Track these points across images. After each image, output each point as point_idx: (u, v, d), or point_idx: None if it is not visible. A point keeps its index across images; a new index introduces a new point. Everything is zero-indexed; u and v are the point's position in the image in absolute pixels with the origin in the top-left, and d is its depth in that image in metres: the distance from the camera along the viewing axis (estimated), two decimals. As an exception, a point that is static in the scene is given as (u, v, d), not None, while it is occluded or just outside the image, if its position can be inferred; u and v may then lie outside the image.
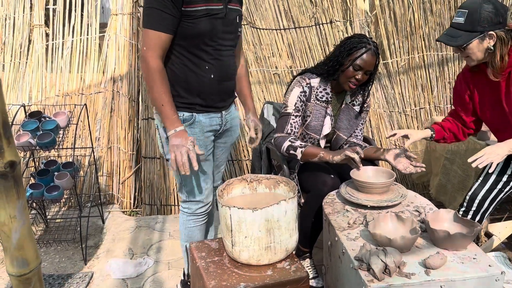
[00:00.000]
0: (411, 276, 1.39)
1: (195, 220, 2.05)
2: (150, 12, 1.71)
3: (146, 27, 1.73)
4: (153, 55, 1.73)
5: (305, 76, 2.17)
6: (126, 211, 3.24)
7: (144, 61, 1.75)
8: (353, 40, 2.08)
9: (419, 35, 3.40)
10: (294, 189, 1.72)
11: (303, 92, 2.14)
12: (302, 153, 2.06)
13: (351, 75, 2.07)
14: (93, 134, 3.26)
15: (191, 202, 2.01)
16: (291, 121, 2.15)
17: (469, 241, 1.54)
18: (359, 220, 1.73)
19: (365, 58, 2.04)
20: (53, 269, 2.50)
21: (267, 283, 1.52)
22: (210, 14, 1.76)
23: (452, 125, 2.22)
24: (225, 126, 2.02)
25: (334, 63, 2.10)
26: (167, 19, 1.71)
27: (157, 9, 1.69)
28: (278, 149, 2.14)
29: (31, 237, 1.00)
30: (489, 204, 2.08)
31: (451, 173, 2.82)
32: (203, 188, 1.98)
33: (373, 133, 3.42)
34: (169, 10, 1.69)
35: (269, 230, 1.57)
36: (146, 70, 1.76)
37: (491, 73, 1.96)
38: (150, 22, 1.72)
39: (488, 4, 1.86)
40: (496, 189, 2.06)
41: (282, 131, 2.16)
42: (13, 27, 3.32)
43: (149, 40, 1.73)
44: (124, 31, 3.25)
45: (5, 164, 0.90)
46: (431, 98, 3.49)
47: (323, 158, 2.03)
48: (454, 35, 1.93)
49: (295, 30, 3.35)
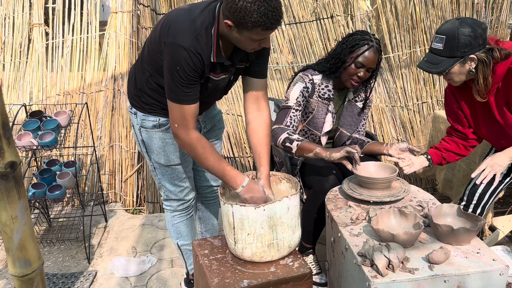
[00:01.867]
0: (414, 271, 1.39)
1: (179, 216, 2.08)
2: (177, 88, 1.62)
3: (176, 102, 1.64)
4: (189, 129, 1.67)
5: (307, 73, 2.16)
6: (129, 209, 3.24)
7: (179, 138, 1.68)
8: (355, 37, 2.06)
9: (420, 29, 3.38)
10: (296, 186, 1.72)
11: (305, 88, 2.13)
12: (298, 146, 1.99)
13: (353, 73, 2.05)
14: (95, 133, 3.26)
15: (171, 200, 2.03)
16: (291, 114, 2.11)
17: (472, 235, 1.53)
18: (362, 216, 1.72)
19: (367, 56, 2.02)
20: (56, 268, 2.51)
21: (270, 280, 1.52)
22: (213, 84, 1.75)
23: (449, 144, 2.15)
24: (205, 128, 2.02)
25: (336, 60, 2.08)
26: (195, 90, 1.65)
27: (185, 84, 1.61)
28: (274, 141, 2.06)
29: (33, 238, 0.99)
30: (489, 196, 2.07)
31: (456, 168, 2.81)
32: (182, 188, 2.00)
33: (375, 128, 3.41)
34: (196, 82, 1.64)
35: (272, 227, 1.56)
36: (186, 147, 1.69)
37: (477, 94, 1.92)
38: (178, 97, 1.63)
39: (465, 28, 1.80)
40: (496, 181, 2.05)
41: (281, 123, 2.11)
42: (13, 26, 3.31)
43: (183, 116, 1.65)
44: (124, 29, 3.24)
45: (6, 165, 0.90)
46: (433, 92, 3.47)
47: (319, 155, 1.96)
48: (434, 61, 1.88)
49: (295, 26, 3.33)
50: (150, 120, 1.85)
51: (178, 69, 1.58)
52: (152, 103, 1.82)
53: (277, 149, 2.28)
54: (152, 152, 1.92)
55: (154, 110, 1.83)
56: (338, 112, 2.26)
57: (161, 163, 1.93)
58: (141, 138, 1.91)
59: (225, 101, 3.31)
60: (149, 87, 1.79)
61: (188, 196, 2.04)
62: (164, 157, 1.91)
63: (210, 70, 1.69)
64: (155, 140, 1.88)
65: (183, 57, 1.57)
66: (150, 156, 1.94)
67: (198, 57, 1.59)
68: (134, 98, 1.88)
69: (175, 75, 1.59)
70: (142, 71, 1.80)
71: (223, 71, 1.74)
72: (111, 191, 3.31)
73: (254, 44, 1.60)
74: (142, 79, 1.81)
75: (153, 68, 1.74)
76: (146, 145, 1.92)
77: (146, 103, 1.83)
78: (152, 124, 1.85)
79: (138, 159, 3.29)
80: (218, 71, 1.72)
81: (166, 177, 1.97)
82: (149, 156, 1.95)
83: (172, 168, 1.94)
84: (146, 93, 1.82)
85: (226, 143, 3.31)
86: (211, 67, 1.68)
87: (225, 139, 3.31)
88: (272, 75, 3.32)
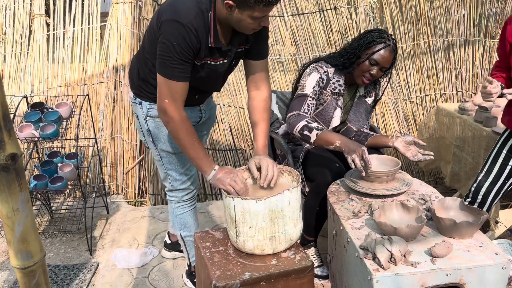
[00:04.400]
0: (416, 265, 1.38)
1: (183, 207, 2.09)
2: (171, 63, 1.63)
3: (168, 77, 1.65)
4: (178, 107, 1.68)
5: (321, 64, 2.14)
6: (131, 201, 3.24)
7: (167, 114, 1.69)
8: (373, 34, 2.04)
9: (424, 21, 3.35)
10: (298, 179, 1.71)
11: (321, 79, 2.10)
12: (317, 136, 1.91)
13: (366, 69, 2.04)
14: (96, 125, 3.25)
15: (176, 190, 2.04)
16: (308, 102, 2.06)
17: (475, 229, 1.53)
18: (364, 209, 1.72)
19: (382, 54, 2.01)
20: (58, 260, 2.52)
21: (272, 273, 1.52)
22: (211, 70, 1.76)
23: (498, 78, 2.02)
24: (204, 117, 2.05)
25: (351, 55, 2.06)
26: (188, 68, 1.66)
27: (179, 59, 1.62)
28: (291, 128, 1.99)
29: (35, 230, 0.99)
30: (494, 197, 2.07)
31: (462, 161, 2.80)
32: (188, 176, 2.03)
33: (378, 121, 3.40)
34: (190, 60, 1.65)
35: (273, 220, 1.56)
36: (172, 123, 1.70)
37: None
38: (171, 73, 1.64)
39: None
40: (500, 181, 2.05)
41: (298, 110, 2.04)
42: (14, 17, 3.29)
43: (173, 92, 1.66)
44: (125, 20, 3.22)
45: (7, 156, 0.89)
46: (436, 84, 3.45)
47: (338, 149, 1.87)
48: None
49: (298, 17, 3.30)
50: (155, 108, 1.85)
51: (175, 44, 1.59)
52: (153, 89, 1.83)
53: (279, 141, 2.27)
54: (159, 140, 1.93)
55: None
56: (346, 107, 2.25)
57: (169, 151, 1.95)
58: (146, 128, 1.92)
59: (227, 93, 3.29)
60: (152, 77, 1.80)
61: (193, 185, 2.07)
62: (171, 144, 1.92)
63: (207, 55, 1.70)
64: (163, 128, 1.89)
65: (180, 32, 1.58)
66: (157, 145, 1.96)
67: (195, 33, 1.60)
68: (138, 88, 1.89)
69: (171, 50, 1.60)
70: (145, 61, 1.81)
71: (222, 56, 1.75)
72: (112, 183, 3.31)
73: (255, 24, 1.62)
74: (145, 69, 1.82)
75: (154, 57, 1.74)
76: (153, 134, 1.93)
77: (151, 92, 1.84)
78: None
79: (139, 151, 3.29)
80: (217, 55, 1.73)
81: (173, 166, 1.98)
82: (155, 145, 1.96)
83: (179, 156, 1.96)
84: (150, 83, 1.83)
85: (227, 135, 3.30)
86: (209, 52, 1.69)
87: (227, 131, 3.30)
88: (275, 67, 3.30)
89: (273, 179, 1.69)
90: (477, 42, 3.44)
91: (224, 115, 3.29)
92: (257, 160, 1.73)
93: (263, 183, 1.69)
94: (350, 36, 3.33)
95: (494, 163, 2.09)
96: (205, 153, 1.74)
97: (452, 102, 3.46)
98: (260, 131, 1.84)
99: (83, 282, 2.29)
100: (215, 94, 3.22)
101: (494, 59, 3.42)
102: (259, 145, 1.81)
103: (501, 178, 2.05)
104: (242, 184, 1.66)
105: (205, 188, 3.28)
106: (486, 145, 2.54)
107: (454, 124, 2.88)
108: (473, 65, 3.47)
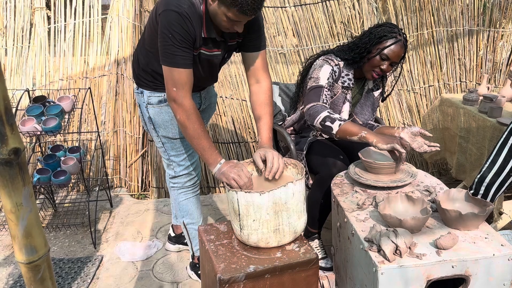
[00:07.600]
0: (422, 256, 1.38)
1: (186, 193, 2.12)
2: (172, 51, 1.67)
3: (171, 66, 1.69)
4: (186, 95, 1.72)
5: (331, 57, 2.11)
6: (134, 194, 3.24)
7: (176, 102, 1.72)
8: (384, 28, 2.02)
9: (427, 11, 3.31)
10: (302, 171, 1.70)
11: (333, 71, 2.08)
12: (340, 127, 1.86)
13: (376, 64, 2.03)
14: (99, 118, 3.24)
15: (179, 176, 2.08)
16: (325, 93, 2.02)
17: (481, 220, 1.52)
18: (368, 201, 1.71)
19: (393, 49, 2.00)
20: (63, 253, 2.53)
21: (276, 266, 1.52)
22: (207, 60, 1.82)
23: None
24: (204, 105, 2.09)
25: (361, 50, 2.04)
26: (190, 55, 1.71)
27: (179, 47, 1.66)
28: (312, 119, 1.93)
29: (39, 224, 0.99)
30: (497, 188, 2.05)
31: (467, 152, 2.78)
32: (191, 161, 2.07)
33: (381, 112, 3.38)
34: (190, 47, 1.70)
35: (277, 212, 1.55)
36: (181, 111, 1.72)
37: None
38: (174, 61, 1.68)
39: None
40: (504, 173, 2.03)
41: (317, 100, 1.99)
42: (14, 10, 3.27)
43: (179, 80, 1.70)
44: (126, 12, 3.20)
45: (9, 151, 0.89)
46: (440, 75, 3.42)
47: (364, 139, 1.82)
48: None
49: (300, 8, 3.27)
50: (155, 96, 1.93)
51: (173, 32, 1.64)
52: (157, 80, 1.90)
53: (283, 133, 2.26)
54: (160, 126, 1.98)
55: (159, 87, 1.91)
56: (353, 100, 2.24)
57: (170, 136, 1.99)
58: (148, 116, 1.97)
59: (229, 86, 3.27)
60: (151, 68, 1.88)
61: (195, 171, 2.11)
62: (172, 129, 1.97)
63: (202, 45, 1.75)
64: (162, 115, 1.95)
65: (176, 20, 1.64)
66: (158, 132, 2.00)
67: (190, 21, 1.65)
68: (139, 77, 1.96)
69: (170, 39, 1.65)
70: (145, 53, 1.89)
71: (216, 47, 1.80)
72: (116, 177, 3.31)
73: (229, 23, 1.66)
74: (145, 60, 1.90)
75: (154, 49, 1.80)
76: (154, 121, 1.97)
77: (151, 81, 1.92)
78: (158, 100, 1.93)
79: (142, 144, 3.28)
80: (210, 45, 1.78)
81: (175, 151, 2.03)
82: (156, 132, 2.00)
83: (181, 141, 2.00)
84: (148, 72, 1.90)
85: (230, 128, 3.29)
86: (203, 42, 1.75)
87: (230, 124, 3.29)
88: (277, 59, 3.28)
89: (278, 171, 1.69)
90: (481, 31, 3.40)
91: (227, 107, 3.27)
92: (263, 152, 1.73)
93: (268, 175, 1.68)
94: (353, 26, 3.30)
95: (498, 154, 2.07)
96: (212, 144, 1.75)
97: (456, 92, 3.43)
98: (263, 125, 1.86)
99: (88, 276, 2.30)
100: (218, 87, 3.20)
101: (499, 49, 3.39)
102: (263, 139, 1.83)
103: (505, 170, 2.03)
104: (247, 178, 1.66)
105: (208, 181, 3.28)
106: (490, 135, 2.52)
107: (458, 115, 2.86)
108: (477, 55, 3.44)
